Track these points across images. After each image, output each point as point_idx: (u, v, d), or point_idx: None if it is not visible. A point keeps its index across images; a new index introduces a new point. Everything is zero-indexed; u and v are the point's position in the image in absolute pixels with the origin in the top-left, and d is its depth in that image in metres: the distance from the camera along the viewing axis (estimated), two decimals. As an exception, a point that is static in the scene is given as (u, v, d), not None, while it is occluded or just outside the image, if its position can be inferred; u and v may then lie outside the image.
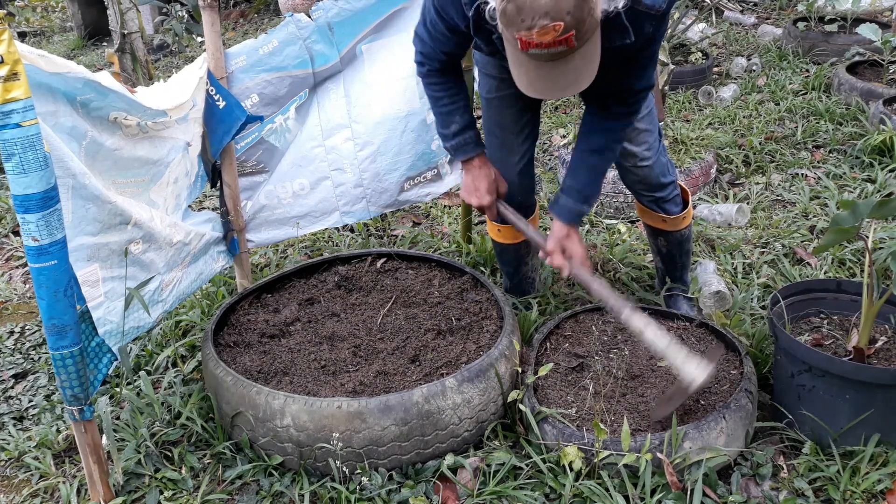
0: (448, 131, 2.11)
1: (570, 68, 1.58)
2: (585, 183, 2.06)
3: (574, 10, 1.46)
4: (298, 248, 3.23)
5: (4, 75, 1.48)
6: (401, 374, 2.11)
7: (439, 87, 2.06)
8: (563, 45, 1.50)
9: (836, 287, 2.24)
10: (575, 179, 2.07)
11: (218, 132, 2.38)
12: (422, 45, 2.00)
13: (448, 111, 2.08)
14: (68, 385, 1.78)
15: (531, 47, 1.51)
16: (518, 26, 1.49)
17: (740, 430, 1.91)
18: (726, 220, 3.23)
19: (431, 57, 2.00)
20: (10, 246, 3.54)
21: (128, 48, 5.42)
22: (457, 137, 2.11)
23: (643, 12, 1.68)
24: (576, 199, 2.07)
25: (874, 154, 3.60)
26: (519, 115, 2.22)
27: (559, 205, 2.10)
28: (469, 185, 2.18)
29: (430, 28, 1.93)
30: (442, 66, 2.02)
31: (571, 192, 2.07)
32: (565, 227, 2.08)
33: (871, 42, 4.52)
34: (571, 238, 2.08)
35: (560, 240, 2.08)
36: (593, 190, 2.07)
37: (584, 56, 1.57)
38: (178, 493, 1.97)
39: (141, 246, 2.03)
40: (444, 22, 1.88)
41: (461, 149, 2.12)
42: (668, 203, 2.37)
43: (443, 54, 1.99)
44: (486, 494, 1.89)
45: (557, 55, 1.54)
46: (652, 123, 2.22)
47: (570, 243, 2.08)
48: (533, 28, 1.47)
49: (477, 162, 2.14)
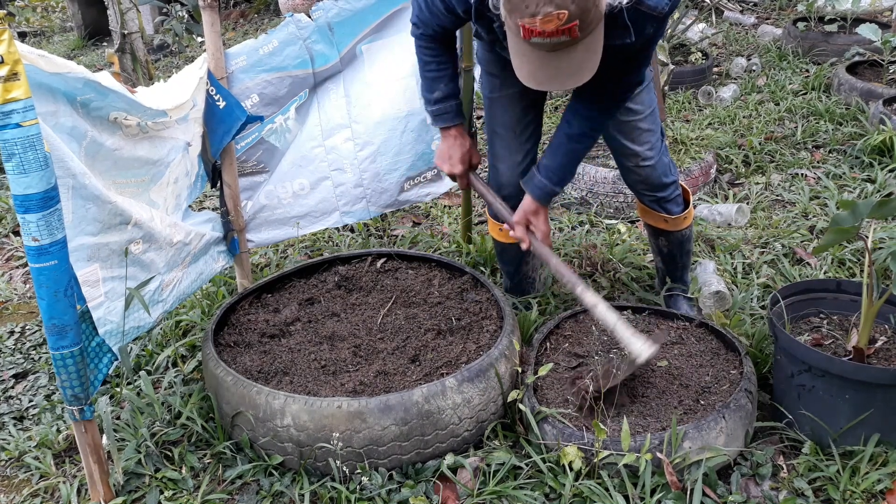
0: (431, 96, 2.14)
1: (573, 60, 1.57)
2: (562, 165, 2.08)
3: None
4: (298, 248, 3.23)
5: (4, 75, 1.49)
6: (401, 373, 2.12)
7: (429, 51, 2.09)
8: (566, 35, 1.50)
9: (836, 287, 2.24)
10: (552, 160, 2.09)
11: (218, 132, 2.38)
12: (419, 10, 2.02)
13: (434, 77, 2.11)
14: (68, 385, 1.78)
15: (534, 35, 1.51)
16: (522, 13, 1.49)
17: (740, 429, 1.91)
18: (726, 220, 3.24)
19: (427, 24, 2.02)
20: (11, 246, 3.54)
21: (128, 48, 5.42)
22: (438, 104, 2.14)
23: (645, 13, 1.68)
24: (550, 179, 2.09)
25: (874, 154, 3.60)
26: (522, 114, 2.23)
27: (533, 182, 2.12)
28: (443, 152, 2.23)
29: (430, 1, 1.95)
30: (435, 34, 2.05)
31: (545, 171, 2.10)
32: (535, 203, 2.11)
33: (870, 42, 4.53)
34: (539, 215, 2.12)
35: (527, 213, 2.12)
36: (568, 173, 2.10)
37: (586, 48, 1.57)
38: (178, 492, 1.98)
39: (141, 246, 2.03)
40: (441, 2, 1.91)
41: (441, 116, 2.16)
42: (669, 203, 2.37)
43: (437, 27, 2.02)
44: (486, 494, 1.89)
45: (560, 45, 1.53)
46: (654, 123, 2.22)
47: (537, 219, 2.12)
48: (537, 15, 1.47)
49: (454, 131, 2.19)
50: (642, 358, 1.89)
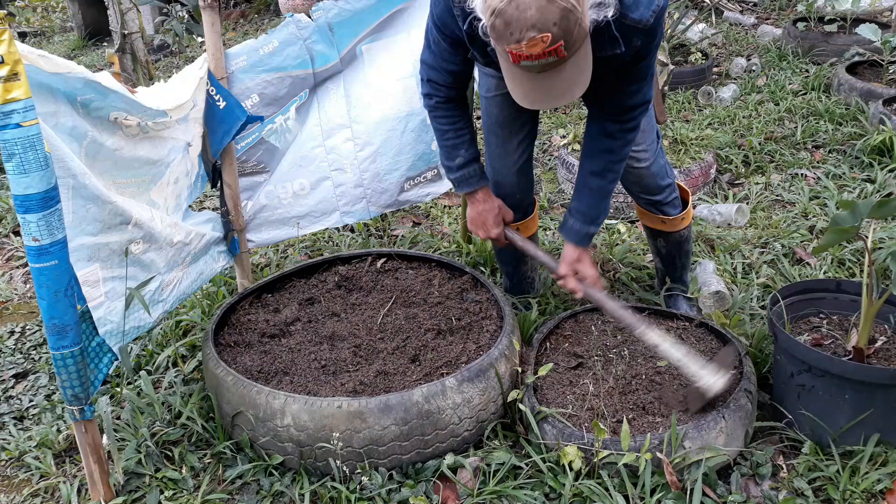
0: (453, 164, 2.13)
1: (563, 78, 1.60)
2: (590, 205, 2.08)
3: (560, 20, 1.47)
4: (298, 248, 3.23)
5: (5, 75, 1.49)
6: (401, 373, 2.12)
7: (446, 120, 2.08)
8: (553, 56, 1.52)
9: (836, 287, 2.24)
10: (580, 202, 2.09)
11: (218, 132, 2.38)
12: (428, 71, 2.01)
13: (454, 144, 2.11)
14: (69, 385, 1.78)
15: (522, 59, 1.54)
16: (507, 40, 1.51)
17: (740, 429, 1.91)
18: (726, 220, 3.24)
19: (439, 84, 2.01)
20: (11, 246, 3.54)
21: (128, 48, 5.43)
22: (461, 170, 2.13)
23: (630, 26, 1.70)
24: (582, 221, 2.09)
25: (874, 154, 3.60)
26: (518, 113, 2.23)
27: (567, 227, 2.12)
28: (475, 218, 2.21)
29: (434, 48, 1.95)
30: (448, 95, 2.04)
31: (577, 215, 2.10)
32: (576, 249, 2.10)
33: (870, 42, 4.53)
34: (583, 261, 2.10)
35: (572, 263, 2.10)
36: (599, 211, 2.09)
37: (575, 65, 1.59)
38: (178, 492, 1.98)
39: (141, 246, 2.03)
40: (445, 37, 1.90)
41: (465, 182, 2.15)
42: (665, 206, 2.37)
43: (449, 75, 2.00)
44: (486, 494, 1.89)
45: (549, 66, 1.56)
46: (649, 124, 2.22)
47: (582, 266, 2.10)
48: (522, 41, 1.49)
49: (481, 195, 2.17)
50: (713, 391, 1.89)
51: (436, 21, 1.88)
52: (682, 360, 1.94)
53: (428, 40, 1.98)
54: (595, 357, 2.17)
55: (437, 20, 1.88)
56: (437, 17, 1.87)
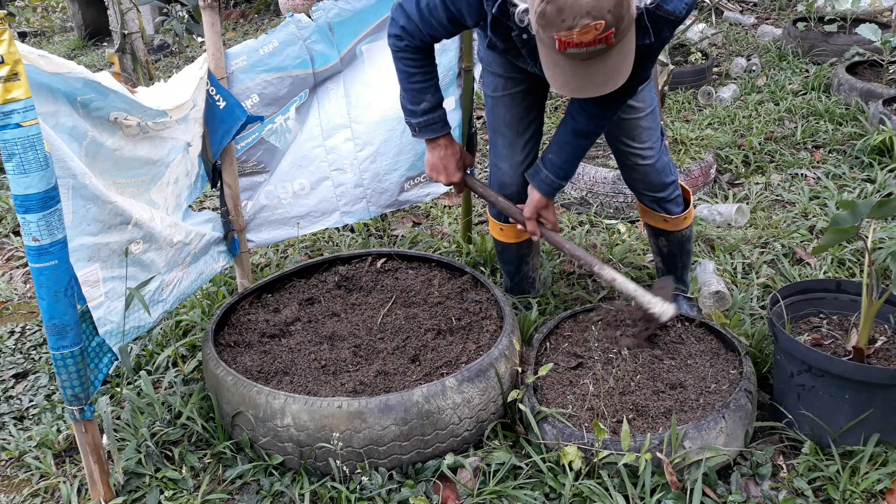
0: (417, 108, 2.11)
1: (607, 66, 1.58)
2: (567, 160, 2.12)
3: (614, 7, 1.46)
4: (298, 248, 3.23)
5: (5, 75, 1.49)
6: (401, 373, 2.12)
7: (414, 62, 2.04)
8: (603, 44, 1.51)
9: (836, 287, 2.24)
10: (558, 156, 2.11)
11: (218, 132, 2.38)
12: (406, 20, 1.96)
13: (420, 88, 2.08)
14: (69, 385, 1.78)
15: (570, 47, 1.52)
16: (558, 27, 1.49)
17: (740, 429, 1.91)
18: (726, 220, 3.24)
19: (413, 35, 1.98)
20: (11, 246, 3.54)
21: (128, 48, 5.43)
22: (426, 115, 2.12)
23: (662, 17, 1.70)
24: (557, 174, 2.13)
25: (874, 154, 3.60)
26: (525, 113, 2.23)
27: (539, 178, 2.15)
28: (436, 163, 2.22)
29: (425, 10, 1.91)
30: (420, 45, 2.01)
31: (552, 167, 2.13)
32: (543, 198, 2.17)
33: (870, 42, 4.53)
34: (548, 208, 2.21)
35: (537, 208, 2.19)
36: (573, 167, 2.15)
37: (619, 53, 1.58)
38: (178, 492, 1.98)
39: (141, 246, 2.03)
40: (446, 12, 1.88)
41: (429, 127, 2.14)
42: (669, 203, 2.37)
43: (428, 36, 1.98)
44: (486, 494, 1.89)
45: (595, 53, 1.54)
46: (655, 122, 2.23)
47: (546, 212, 2.21)
48: (574, 28, 1.47)
49: (443, 141, 2.19)
50: (666, 317, 2.12)
51: None
52: (636, 292, 2.14)
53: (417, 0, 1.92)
54: (595, 357, 2.17)
55: None
56: None
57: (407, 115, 2.16)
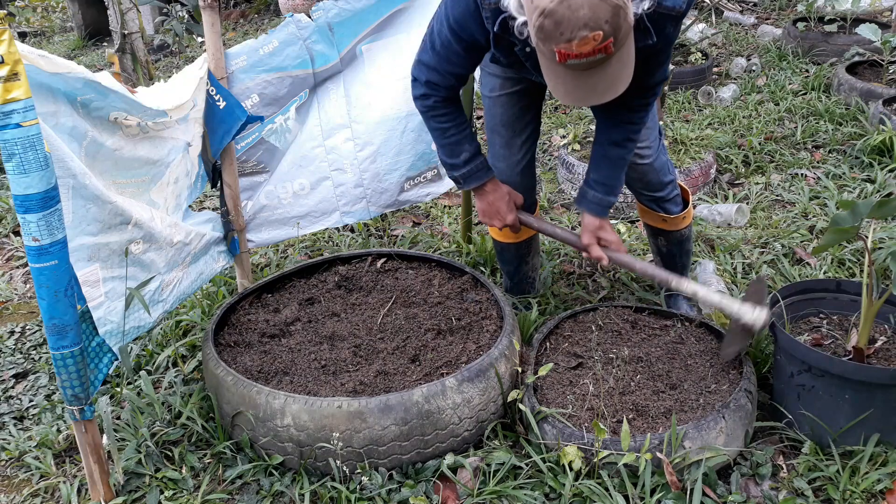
0: (458, 160, 2.10)
1: (608, 74, 1.59)
2: (609, 175, 2.10)
3: (612, 18, 1.47)
4: (298, 248, 3.23)
5: (5, 75, 1.49)
6: (401, 373, 2.12)
7: (446, 117, 2.05)
8: (602, 53, 1.52)
9: (836, 287, 2.24)
10: (599, 173, 2.10)
11: (218, 132, 2.38)
12: (429, 73, 1.96)
13: (457, 140, 2.08)
14: (69, 385, 1.78)
15: (570, 58, 1.52)
16: (557, 40, 1.50)
17: (740, 429, 1.91)
18: (726, 220, 3.24)
19: (440, 85, 1.98)
20: (11, 246, 3.54)
21: (128, 48, 5.43)
22: (468, 165, 2.11)
23: (664, 14, 1.70)
24: (602, 191, 2.11)
25: (874, 154, 3.60)
26: (522, 113, 2.23)
27: (587, 199, 2.13)
28: (487, 209, 2.20)
29: (442, 51, 1.91)
30: (448, 95, 2.01)
31: (597, 186, 2.11)
32: (596, 219, 2.13)
33: (870, 42, 4.53)
34: (605, 228, 2.15)
35: (594, 232, 2.14)
36: (618, 181, 2.11)
37: (619, 60, 1.59)
38: (178, 492, 1.98)
39: (141, 246, 2.03)
40: (460, 41, 1.87)
41: (473, 176, 2.13)
42: (667, 203, 2.37)
43: (453, 78, 1.97)
44: (486, 494, 1.89)
45: (595, 63, 1.55)
46: (653, 121, 2.23)
47: (604, 233, 2.15)
48: (573, 40, 1.48)
49: (490, 186, 2.16)
50: (759, 325, 2.00)
51: (451, 24, 1.84)
52: (722, 302, 2.04)
53: (432, 43, 1.93)
54: (595, 357, 2.17)
55: (453, 23, 1.84)
56: (456, 19, 1.83)
57: (449, 171, 2.15)
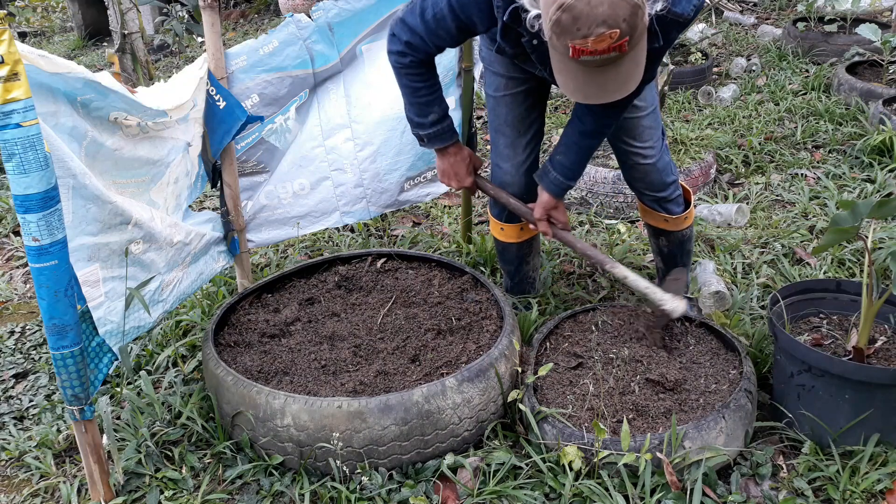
0: (426, 120, 2.14)
1: (620, 72, 1.60)
2: (575, 161, 2.13)
3: (629, 16, 1.47)
4: (298, 248, 3.23)
5: (5, 75, 1.49)
6: (401, 373, 2.12)
7: (419, 77, 2.07)
8: (617, 52, 1.52)
9: (836, 287, 2.24)
10: (566, 157, 2.13)
11: (218, 132, 2.38)
12: (411, 34, 1.96)
13: (427, 101, 2.11)
14: (69, 385, 1.78)
15: (584, 55, 1.53)
16: (573, 35, 1.50)
17: (740, 429, 1.91)
18: (726, 220, 3.24)
19: (419, 49, 1.99)
20: (11, 246, 3.54)
21: (128, 48, 5.43)
22: (435, 126, 2.15)
23: (671, 20, 1.71)
24: (565, 175, 2.15)
25: (874, 154, 3.60)
26: (526, 112, 2.24)
27: (549, 178, 2.17)
28: (448, 170, 2.26)
29: (431, 21, 1.91)
30: (425, 58, 2.03)
31: (561, 168, 2.14)
32: (552, 198, 2.19)
33: (870, 42, 4.53)
34: (559, 208, 2.23)
35: (547, 208, 2.21)
36: (581, 168, 2.16)
37: (632, 59, 1.59)
38: (178, 492, 1.98)
39: (141, 246, 2.03)
40: (455, 20, 1.88)
41: (439, 136, 2.17)
42: (669, 203, 2.37)
43: (435, 48, 1.99)
44: (486, 494, 1.89)
45: (608, 61, 1.55)
46: (656, 121, 2.23)
47: (556, 213, 2.23)
48: (589, 36, 1.48)
49: (452, 149, 2.23)
50: (677, 313, 2.12)
51: (453, 3, 1.85)
52: (648, 289, 2.15)
53: (423, 10, 1.91)
54: (595, 357, 2.17)
55: (455, 3, 1.84)
56: (459, 1, 1.84)
57: (415, 128, 2.18)
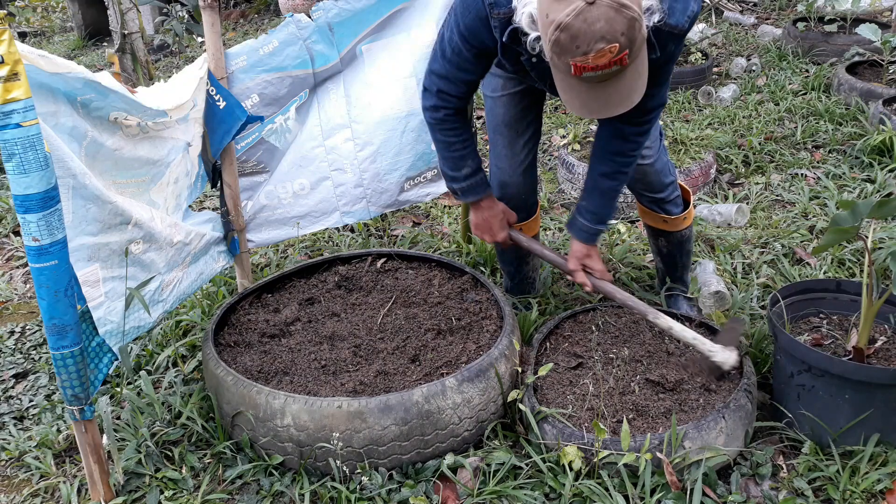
0: (460, 174, 2.12)
1: (623, 86, 1.60)
2: (599, 205, 2.11)
3: (627, 30, 1.47)
4: (298, 248, 3.23)
5: (5, 75, 1.49)
6: (401, 373, 2.12)
7: (453, 132, 2.06)
8: (618, 65, 1.52)
9: (836, 287, 2.24)
10: (589, 202, 2.12)
11: (218, 132, 2.38)
12: (440, 81, 1.97)
13: (461, 155, 2.10)
14: (69, 385, 1.78)
15: (586, 71, 1.53)
16: (573, 53, 1.50)
17: (740, 429, 1.91)
18: (726, 220, 3.24)
19: (451, 95, 1.98)
20: (11, 246, 3.54)
21: (128, 48, 5.43)
22: (468, 180, 2.13)
23: (667, 31, 1.71)
24: (591, 220, 2.12)
25: (874, 154, 3.60)
26: (524, 113, 2.24)
27: (577, 227, 2.15)
28: (481, 224, 2.24)
29: (453, 58, 1.91)
30: (458, 106, 2.02)
31: (587, 214, 2.12)
32: (584, 246, 2.15)
33: (870, 42, 4.53)
34: (592, 256, 2.17)
35: (580, 259, 2.17)
36: (608, 211, 2.13)
37: (634, 72, 1.59)
38: (178, 492, 1.98)
39: (141, 246, 2.03)
40: (471, 49, 1.87)
41: (472, 190, 2.15)
42: (668, 204, 2.37)
43: (464, 86, 1.98)
44: (486, 494, 1.89)
45: (610, 75, 1.55)
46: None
47: (591, 261, 2.18)
48: (589, 53, 1.48)
49: (486, 202, 2.19)
50: (727, 366, 2.04)
51: (462, 31, 1.85)
52: (696, 339, 2.08)
53: (443, 51, 1.93)
54: (595, 357, 2.17)
55: (464, 30, 1.84)
56: (466, 27, 1.83)
57: (449, 182, 2.17)
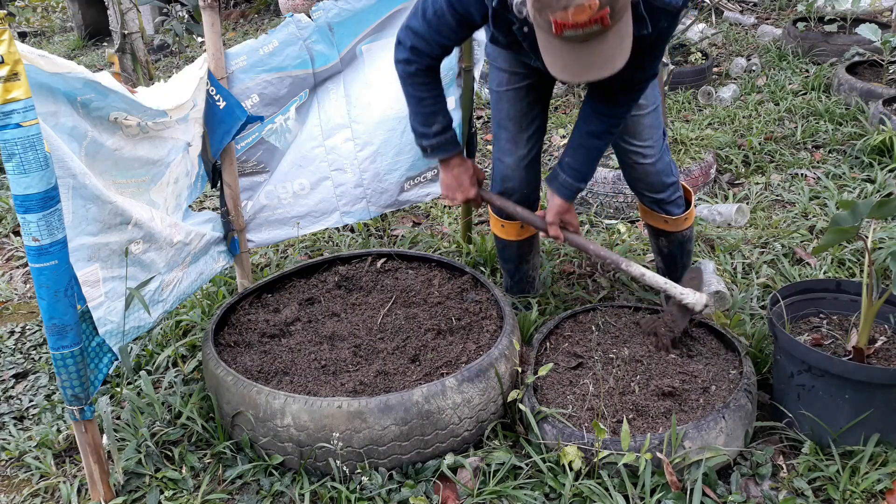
0: (430, 130, 2.14)
1: (605, 48, 1.59)
2: (583, 162, 2.13)
3: None
4: (298, 248, 3.23)
5: (5, 75, 1.49)
6: (401, 373, 2.12)
7: (424, 87, 2.07)
8: (598, 24, 1.52)
9: (836, 287, 2.24)
10: (574, 159, 2.13)
11: (218, 132, 2.38)
12: (415, 39, 1.98)
13: (432, 111, 2.11)
14: (69, 385, 1.78)
15: (566, 29, 1.53)
16: (553, 8, 1.51)
17: (740, 429, 1.91)
18: (726, 220, 3.24)
19: (424, 53, 2.00)
20: (11, 246, 3.54)
21: (128, 48, 5.42)
22: (438, 136, 2.14)
23: (660, 7, 1.71)
24: (574, 177, 2.15)
25: (874, 154, 3.60)
26: (529, 108, 2.24)
27: (558, 182, 2.17)
28: (451, 182, 2.24)
29: (434, 21, 1.93)
30: (430, 64, 2.03)
31: (570, 171, 2.14)
32: (564, 202, 2.18)
33: (870, 42, 4.53)
34: (570, 212, 2.22)
35: (560, 213, 2.20)
36: (591, 169, 2.15)
37: (617, 34, 1.59)
38: (178, 492, 1.98)
39: (141, 246, 2.03)
40: (455, 15, 1.89)
41: (442, 147, 2.16)
42: (669, 204, 2.37)
43: (439, 48, 1.99)
44: (486, 494, 1.89)
45: (592, 35, 1.55)
46: (658, 120, 2.24)
47: (568, 216, 2.23)
48: (569, 7, 1.49)
49: (456, 160, 2.21)
50: (699, 307, 2.12)
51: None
52: (667, 284, 2.16)
53: (424, 10, 1.94)
54: (595, 357, 2.17)
55: None
56: None
57: (418, 138, 2.18)
